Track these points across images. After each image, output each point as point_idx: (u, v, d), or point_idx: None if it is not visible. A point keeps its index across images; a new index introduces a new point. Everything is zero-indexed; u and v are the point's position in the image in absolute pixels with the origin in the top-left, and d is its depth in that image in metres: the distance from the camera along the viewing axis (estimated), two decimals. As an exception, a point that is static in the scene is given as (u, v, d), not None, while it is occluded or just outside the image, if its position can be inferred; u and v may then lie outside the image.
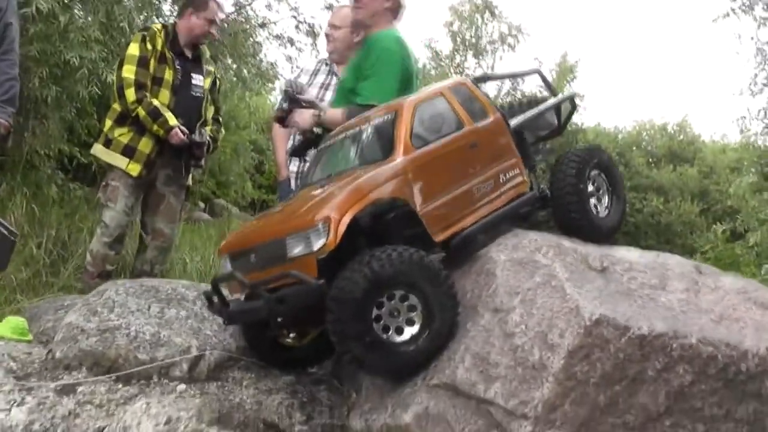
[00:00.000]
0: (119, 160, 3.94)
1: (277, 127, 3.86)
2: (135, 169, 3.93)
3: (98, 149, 4.08)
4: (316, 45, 12.26)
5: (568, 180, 2.71)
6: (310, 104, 3.19)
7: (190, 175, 4.31)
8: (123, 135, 3.94)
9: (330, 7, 13.39)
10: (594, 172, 2.81)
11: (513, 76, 3.03)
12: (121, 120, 3.98)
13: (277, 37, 13.97)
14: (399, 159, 2.35)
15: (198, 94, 4.13)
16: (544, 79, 3.37)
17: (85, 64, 5.07)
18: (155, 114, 3.85)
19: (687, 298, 2.41)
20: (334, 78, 4.01)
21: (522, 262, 2.38)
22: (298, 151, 3.62)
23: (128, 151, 3.93)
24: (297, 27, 13.08)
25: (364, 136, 2.60)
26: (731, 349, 2.15)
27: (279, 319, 2.42)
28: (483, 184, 2.55)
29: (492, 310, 2.26)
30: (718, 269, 2.79)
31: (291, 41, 13.29)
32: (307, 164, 3.47)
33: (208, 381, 2.68)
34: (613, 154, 12.64)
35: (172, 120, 3.88)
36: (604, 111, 24.36)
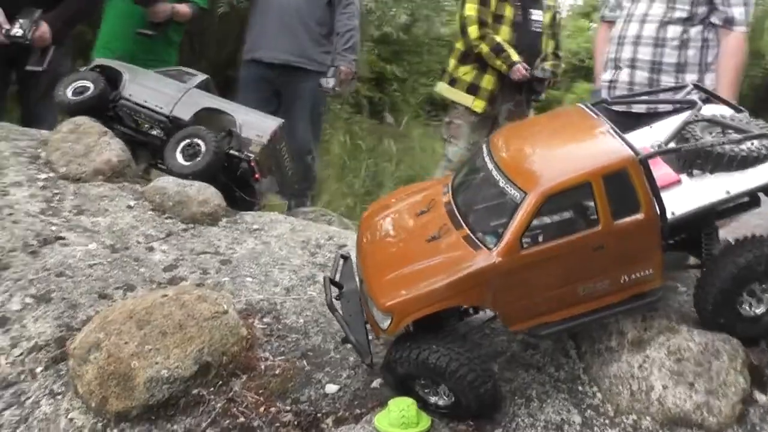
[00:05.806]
0: (464, 98, 4.12)
1: (599, 34, 3.77)
2: (480, 105, 4.09)
3: (444, 88, 4.29)
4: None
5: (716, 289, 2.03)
6: None
7: (531, 110, 4.34)
8: (467, 74, 4.11)
9: None
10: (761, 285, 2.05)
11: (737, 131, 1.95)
12: (464, 59, 4.15)
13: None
14: (495, 258, 1.92)
15: (537, 29, 4.14)
16: None
17: (379, 7, 5.55)
18: (498, 50, 3.94)
19: None
20: None
21: None
22: None
23: (472, 89, 4.10)
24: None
25: (495, 192, 2.05)
26: None
27: None
28: (594, 284, 2.01)
29: None
30: None
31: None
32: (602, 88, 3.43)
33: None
34: None
35: (515, 56, 3.94)
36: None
